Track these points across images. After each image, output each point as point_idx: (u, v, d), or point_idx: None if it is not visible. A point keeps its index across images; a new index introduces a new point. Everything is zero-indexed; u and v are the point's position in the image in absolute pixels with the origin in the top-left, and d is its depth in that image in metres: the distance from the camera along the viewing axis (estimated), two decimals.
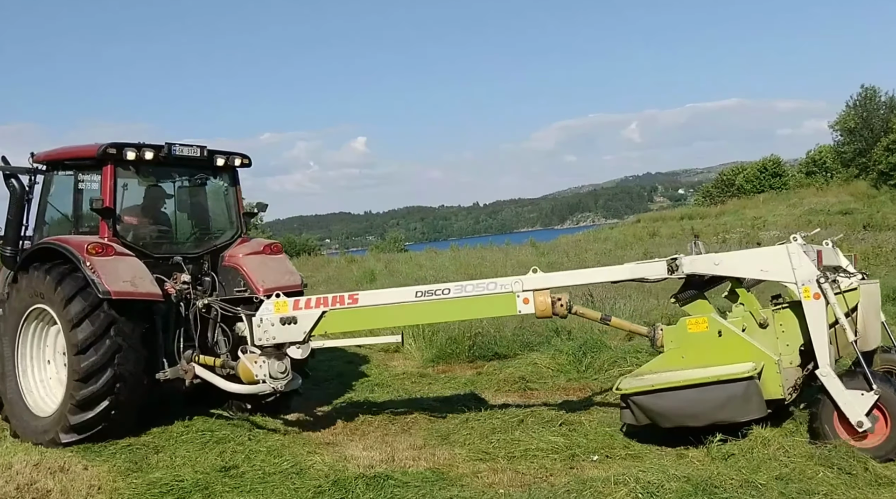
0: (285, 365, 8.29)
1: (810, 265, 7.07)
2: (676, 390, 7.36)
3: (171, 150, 9.22)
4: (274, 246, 9.90)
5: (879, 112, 52.89)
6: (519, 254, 30.86)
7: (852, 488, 6.04)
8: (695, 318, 7.63)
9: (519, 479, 6.88)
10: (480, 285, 7.98)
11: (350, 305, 8.14)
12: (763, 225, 34.93)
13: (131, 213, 9.57)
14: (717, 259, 7.56)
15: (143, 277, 8.50)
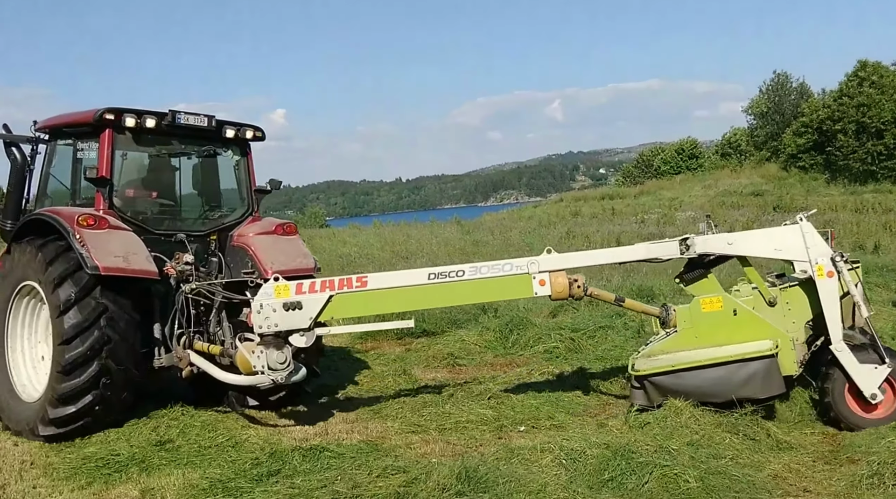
0: (285, 355, 7.48)
1: (823, 244, 7.31)
2: (697, 370, 7.38)
3: (175, 118, 8.53)
4: (287, 226, 9.07)
5: (790, 97, 54.55)
6: (444, 231, 31.05)
7: (756, 453, 6.56)
8: (708, 297, 7.61)
9: (450, 449, 7.16)
10: (495, 267, 7.68)
11: (358, 288, 7.57)
12: (679, 206, 35.90)
13: (130, 185, 8.89)
14: (731, 239, 7.62)
15: (137, 252, 7.79)
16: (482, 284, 7.65)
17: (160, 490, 6.11)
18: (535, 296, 7.76)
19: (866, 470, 5.81)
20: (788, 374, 7.37)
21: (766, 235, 7.70)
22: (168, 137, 8.99)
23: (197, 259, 8.63)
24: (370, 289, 7.59)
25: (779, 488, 5.88)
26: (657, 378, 7.50)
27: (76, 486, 6.32)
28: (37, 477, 6.61)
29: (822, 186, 41.43)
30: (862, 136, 41.63)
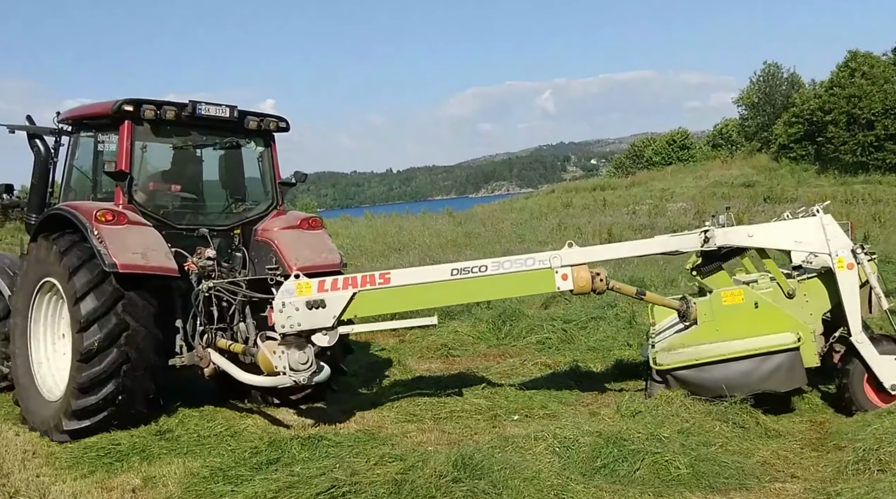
0: (308, 355, 7.19)
1: (844, 236, 7.36)
2: (722, 363, 7.40)
3: (195, 109, 8.29)
4: (313, 220, 8.84)
5: (781, 88, 54.64)
6: (436, 223, 31.09)
7: (745, 440, 6.71)
8: (730, 290, 7.61)
9: (446, 437, 7.28)
10: (518, 261, 7.52)
11: (382, 285, 7.36)
12: (670, 197, 35.91)
13: (151, 178, 8.66)
14: (751, 231, 7.68)
15: (156, 249, 7.59)
16: (505, 280, 7.50)
17: (161, 478, 6.21)
18: (557, 291, 7.65)
19: (852, 456, 5.94)
20: (809, 366, 7.40)
21: (787, 228, 7.70)
22: (189, 129, 8.77)
23: (220, 254, 8.48)
24: (393, 286, 7.40)
25: (767, 474, 6.03)
26: (681, 372, 7.51)
27: (79, 475, 6.41)
28: (39, 466, 6.69)
29: (813, 176, 41.49)
30: (853, 127, 41.69)
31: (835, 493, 5.28)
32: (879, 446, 5.84)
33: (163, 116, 8.16)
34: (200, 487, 5.96)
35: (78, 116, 8.80)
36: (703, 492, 5.48)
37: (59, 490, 6.03)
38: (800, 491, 5.58)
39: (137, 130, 8.22)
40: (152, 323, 7.52)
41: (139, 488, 6.10)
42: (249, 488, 5.78)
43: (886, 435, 6.00)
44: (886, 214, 25.00)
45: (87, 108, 8.73)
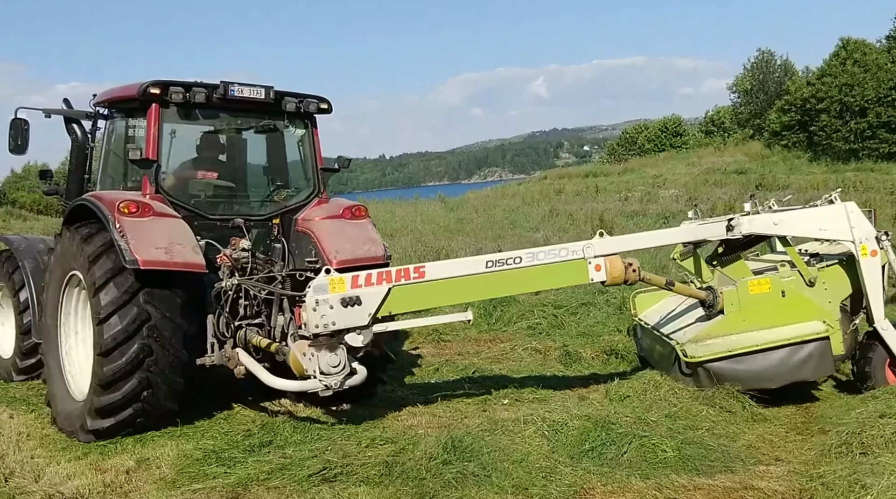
0: (339, 358, 6.61)
1: (868, 224, 7.39)
2: (754, 354, 7.28)
3: (227, 90, 7.72)
4: (357, 209, 8.11)
5: (774, 75, 54.72)
6: (428, 209, 31.12)
7: (732, 424, 6.81)
8: (756, 279, 7.55)
9: (436, 421, 7.34)
10: (552, 252, 7.20)
11: (416, 279, 6.86)
12: (663, 183, 36.01)
13: (181, 165, 8.17)
14: (777, 219, 7.63)
15: (183, 243, 7.02)
16: (539, 272, 7.17)
17: (155, 460, 6.24)
18: (590, 282, 7.36)
19: (835, 440, 6.07)
20: (836, 353, 7.41)
21: (811, 216, 7.67)
22: (222, 112, 8.23)
23: (258, 246, 7.99)
24: (429, 280, 6.92)
25: (752, 457, 6.14)
26: (713, 364, 7.35)
27: (73, 457, 6.44)
28: (34, 448, 6.71)
29: (805, 164, 41.64)
30: (845, 114, 41.80)
31: (817, 475, 5.37)
32: (862, 430, 5.97)
33: (192, 99, 7.63)
34: (194, 468, 6.01)
35: (111, 99, 8.34)
36: (688, 475, 5.55)
37: (54, 471, 6.05)
38: (783, 474, 5.67)
39: (165, 113, 7.70)
40: (178, 316, 7.01)
41: (133, 469, 6.13)
42: (242, 470, 5.86)
43: (869, 419, 6.12)
44: (877, 201, 25.13)
45: (119, 90, 8.20)
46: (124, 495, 5.70)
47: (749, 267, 7.96)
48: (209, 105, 7.81)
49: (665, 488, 5.31)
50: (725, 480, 5.48)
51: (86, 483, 5.77)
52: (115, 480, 5.89)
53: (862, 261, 7.35)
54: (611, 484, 5.44)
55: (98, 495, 5.67)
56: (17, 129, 8.49)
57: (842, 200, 7.60)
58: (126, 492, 5.73)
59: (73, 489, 5.69)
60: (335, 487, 5.52)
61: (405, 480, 5.58)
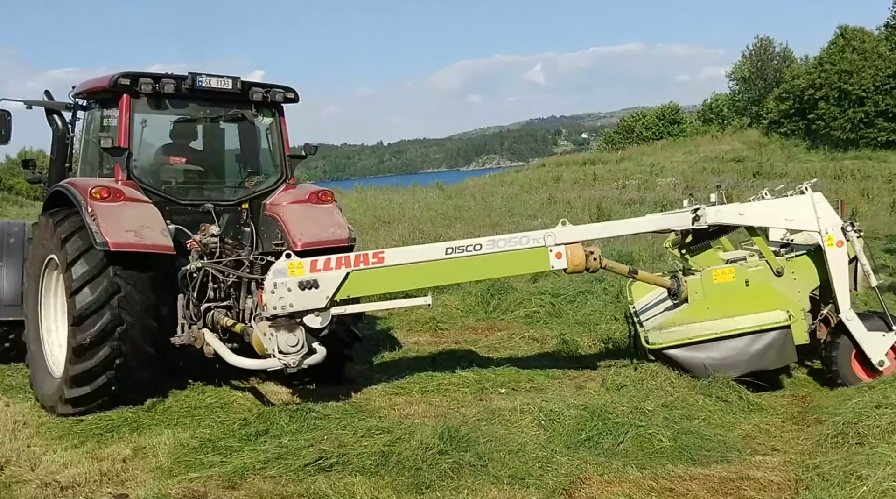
0: (298, 338, 6.93)
1: (834, 214, 7.40)
2: (714, 341, 7.43)
3: (195, 81, 8.02)
4: (323, 194, 8.44)
5: (773, 62, 54.61)
6: (426, 196, 31.07)
7: (728, 414, 6.82)
8: (721, 268, 7.64)
9: (433, 410, 7.36)
10: (512, 240, 7.40)
11: (375, 264, 7.12)
12: (660, 171, 35.94)
13: (151, 153, 8.48)
14: (742, 209, 7.68)
15: (152, 226, 7.34)
16: (499, 259, 7.37)
17: (151, 449, 6.26)
18: (551, 270, 7.60)
19: (831, 430, 6.07)
20: (800, 343, 7.47)
21: (778, 206, 7.70)
22: (191, 102, 8.51)
23: (228, 230, 8.30)
24: (388, 265, 7.19)
25: (748, 447, 6.15)
26: (673, 351, 7.52)
27: (69, 445, 6.45)
28: (30, 436, 6.73)
29: (803, 152, 41.64)
30: (843, 103, 41.73)
31: (813, 465, 5.39)
32: (858, 420, 5.97)
33: (162, 90, 7.91)
34: (190, 457, 6.02)
35: (87, 91, 8.63)
36: (685, 464, 5.57)
37: (50, 460, 6.09)
38: (779, 464, 5.68)
39: (136, 103, 8.00)
40: (148, 291, 7.31)
41: (129, 457, 6.15)
42: (238, 459, 5.87)
43: (865, 409, 6.11)
44: (875, 190, 25.15)
45: (94, 82, 8.49)
46: (121, 483, 5.71)
47: (721, 256, 8.01)
48: (178, 95, 8.10)
49: (661, 477, 5.32)
50: (721, 470, 5.50)
51: (82, 472, 5.80)
52: (111, 468, 5.91)
53: (828, 251, 7.37)
54: (607, 474, 5.46)
55: (94, 483, 5.68)
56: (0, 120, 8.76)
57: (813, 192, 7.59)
58: (123, 481, 5.75)
59: (70, 478, 5.72)
60: (331, 476, 5.52)
61: (401, 470, 5.59)
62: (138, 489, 5.54)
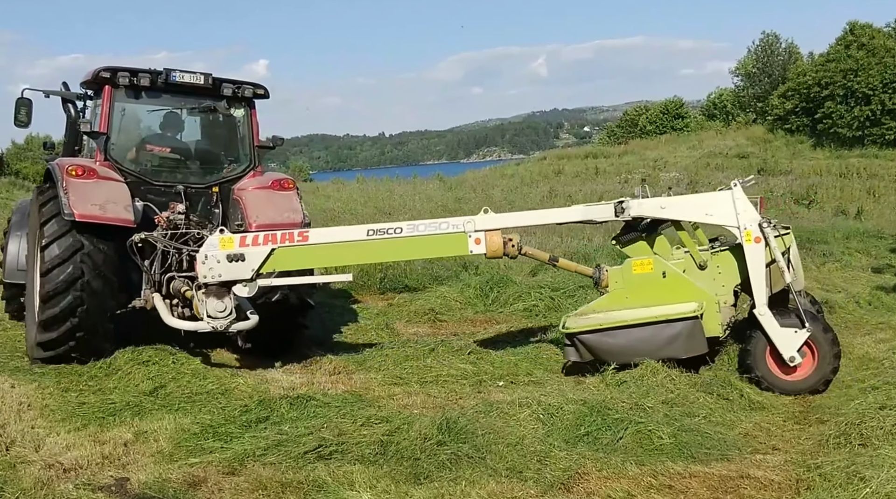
0: (225, 304, 7.79)
1: (753, 210, 7.53)
2: (624, 329, 7.71)
3: (169, 76, 8.92)
4: (285, 182, 9.25)
5: (779, 58, 54.29)
6: (427, 188, 31.08)
7: (728, 412, 6.80)
8: (640, 259, 7.90)
9: (431, 401, 7.36)
10: (433, 225, 7.97)
11: (300, 242, 7.84)
12: (664, 166, 35.86)
13: (129, 139, 9.29)
14: (664, 203, 7.91)
15: (116, 201, 8.16)
16: (419, 242, 7.93)
17: (153, 433, 6.29)
18: (470, 254, 8.06)
19: (834, 430, 6.04)
20: (713, 335, 7.67)
21: (699, 201, 7.94)
22: (166, 94, 9.31)
23: (199, 210, 9.08)
24: (311, 243, 7.87)
25: (749, 446, 6.10)
26: (585, 336, 7.83)
27: (72, 427, 6.48)
28: (34, 418, 6.75)
29: (808, 149, 41.42)
30: (850, 101, 41.47)
31: (815, 465, 5.34)
32: (861, 421, 5.93)
33: (138, 83, 8.78)
34: (191, 443, 6.05)
35: (84, 82, 9.48)
36: (684, 462, 5.55)
37: (54, 442, 6.13)
38: (780, 463, 5.64)
39: (116, 94, 8.87)
40: (109, 250, 8.16)
41: (131, 442, 6.19)
42: (239, 446, 5.90)
43: (869, 410, 6.08)
44: (881, 188, 25.05)
45: (87, 74, 9.32)
46: (122, 467, 5.73)
47: (650, 249, 8.14)
48: (154, 88, 9.01)
49: (660, 474, 5.31)
50: (721, 468, 5.47)
51: (85, 454, 5.84)
52: (113, 452, 5.95)
53: (746, 246, 7.51)
54: (606, 470, 5.44)
55: (97, 466, 5.71)
56: (22, 106, 9.69)
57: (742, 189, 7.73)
58: (124, 464, 5.77)
59: (72, 460, 5.75)
60: (330, 464, 5.54)
61: (399, 459, 5.61)
62: (139, 473, 5.55)
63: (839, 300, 11.39)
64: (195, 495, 5.23)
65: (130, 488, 5.37)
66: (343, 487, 5.19)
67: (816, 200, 22.05)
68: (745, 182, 7.80)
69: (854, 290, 12.36)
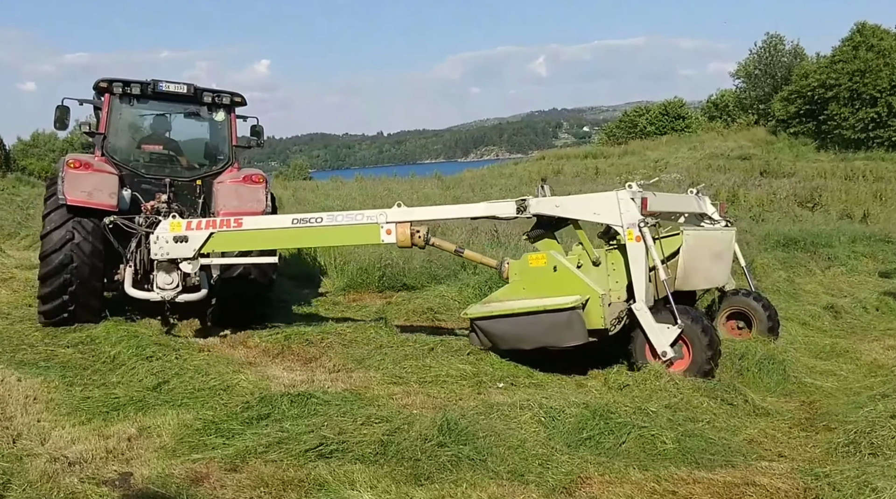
0: (173, 278, 9.25)
1: (635, 211, 7.82)
2: (512, 317, 8.22)
3: (156, 86, 10.54)
4: (255, 176, 10.54)
5: (783, 60, 53.79)
6: (424, 186, 30.94)
7: (733, 417, 6.72)
8: (535, 254, 8.46)
9: (431, 401, 7.32)
10: (350, 216, 8.87)
11: (235, 228, 9.03)
12: (665, 167, 35.59)
13: (124, 138, 10.97)
14: (558, 202, 8.35)
15: (103, 190, 9.67)
16: (337, 230, 8.90)
17: (156, 429, 6.33)
18: (382, 243, 8.93)
19: (843, 438, 5.95)
20: (597, 328, 7.98)
21: (588, 200, 8.31)
22: (157, 101, 10.97)
23: (183, 200, 10.53)
24: (245, 229, 9.03)
25: (754, 453, 5.98)
26: (481, 322, 8.45)
27: (77, 422, 6.53)
28: (40, 412, 6.81)
29: (812, 151, 40.97)
30: (855, 103, 41.12)
31: (823, 474, 5.21)
32: (872, 429, 5.85)
33: (130, 91, 10.52)
34: (193, 438, 6.07)
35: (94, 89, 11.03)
36: (688, 467, 5.48)
37: (59, 435, 6.20)
38: (787, 470, 5.48)
39: (114, 100, 10.54)
40: (97, 241, 9.66)
41: (134, 436, 6.23)
42: (241, 442, 5.90)
43: (880, 419, 5.98)
44: (888, 191, 24.65)
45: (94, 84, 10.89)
46: (126, 461, 5.76)
47: (557, 244, 8.72)
48: (144, 96, 10.69)
49: (664, 480, 5.24)
50: (726, 474, 5.36)
51: (89, 448, 5.89)
52: (117, 446, 5.99)
53: (627, 245, 7.85)
54: (608, 474, 5.40)
55: (101, 460, 5.74)
56: (61, 112, 11.00)
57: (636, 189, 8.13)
58: (128, 459, 5.80)
59: (77, 454, 5.80)
60: (331, 463, 5.53)
61: (400, 460, 5.59)
62: (142, 468, 5.58)
63: (846, 305, 11.30)
64: (197, 492, 5.21)
65: (134, 483, 5.39)
66: (344, 486, 5.17)
67: (821, 203, 21.87)
68: (642, 184, 8.15)
69: (861, 295, 12.27)
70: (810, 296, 12.34)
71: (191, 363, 8.01)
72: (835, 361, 8.82)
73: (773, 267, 14.02)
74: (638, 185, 8.11)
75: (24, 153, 42.25)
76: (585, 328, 7.90)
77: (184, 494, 5.14)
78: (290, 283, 13.99)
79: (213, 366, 8.05)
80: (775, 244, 15.69)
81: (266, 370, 8.30)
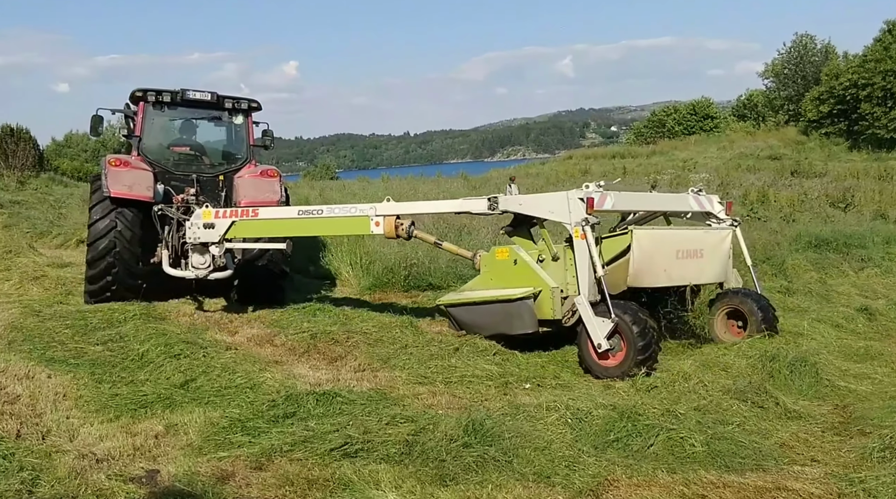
0: (205, 259, 10.73)
1: (581, 211, 8.23)
2: (474, 305, 9.13)
3: (184, 94, 12.07)
4: (270, 171, 12.22)
5: (814, 59, 53.15)
6: (450, 186, 30.81)
7: (763, 420, 6.56)
8: (502, 247, 9.23)
9: (456, 402, 7.27)
10: (345, 208, 10.00)
11: (253, 217, 10.45)
12: (693, 167, 35.19)
13: (157, 140, 12.51)
14: (521, 200, 8.97)
15: (140, 183, 11.23)
16: (334, 221, 10.01)
17: (183, 426, 6.37)
18: (371, 233, 9.94)
19: (878, 443, 5.78)
20: (548, 318, 8.57)
21: (543, 199, 8.83)
22: (184, 107, 12.55)
23: (208, 193, 12.00)
24: (260, 218, 10.45)
25: (786, 457, 5.84)
26: (451, 309, 9.49)
27: (105, 419, 6.60)
28: (69, 408, 6.88)
29: (844, 151, 40.28)
30: (888, 102, 40.43)
31: (858, 480, 5.10)
32: None
33: (162, 99, 12.07)
34: (220, 436, 6.09)
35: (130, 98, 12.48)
36: (718, 471, 5.37)
37: (87, 432, 6.28)
38: (820, 475, 5.36)
39: (147, 107, 12.15)
40: (136, 228, 11.17)
41: (161, 434, 6.28)
42: (266, 440, 5.90)
43: None
44: None
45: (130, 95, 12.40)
46: (153, 459, 5.79)
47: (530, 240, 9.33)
48: (174, 103, 12.26)
49: (693, 483, 5.15)
50: (757, 478, 5.24)
51: (117, 446, 5.95)
52: (144, 443, 6.04)
53: (575, 242, 8.27)
54: (636, 477, 5.32)
55: (128, 457, 5.79)
56: (95, 121, 12.60)
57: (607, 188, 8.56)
58: (154, 456, 5.83)
59: (105, 451, 5.85)
60: (356, 463, 5.52)
61: (425, 460, 5.55)
62: (169, 466, 5.60)
63: (880, 307, 11.04)
64: (223, 490, 5.22)
65: (161, 480, 5.41)
66: (369, 486, 5.15)
67: (853, 203, 21.46)
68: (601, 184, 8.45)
69: (891, 294, 12.10)
70: (843, 297, 12.11)
71: (218, 361, 8.06)
72: (869, 364, 8.60)
73: (804, 268, 13.84)
74: (596, 185, 8.41)
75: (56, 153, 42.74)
76: (535, 318, 8.59)
77: (210, 492, 5.15)
78: (316, 281, 14.03)
79: (240, 364, 8.08)
80: (806, 245, 15.45)
81: (292, 369, 8.32)
